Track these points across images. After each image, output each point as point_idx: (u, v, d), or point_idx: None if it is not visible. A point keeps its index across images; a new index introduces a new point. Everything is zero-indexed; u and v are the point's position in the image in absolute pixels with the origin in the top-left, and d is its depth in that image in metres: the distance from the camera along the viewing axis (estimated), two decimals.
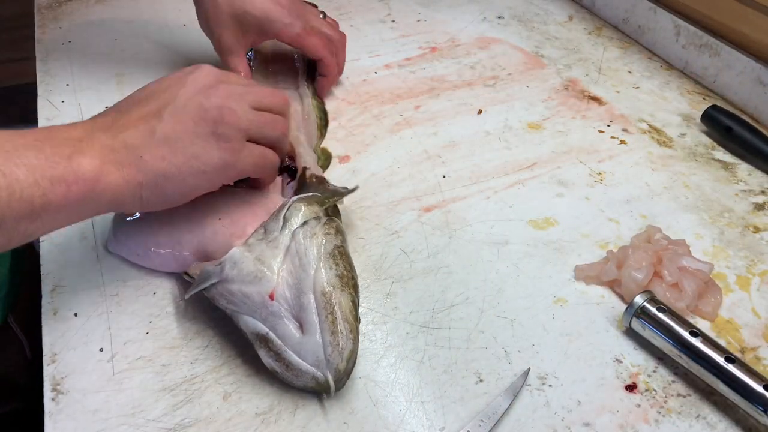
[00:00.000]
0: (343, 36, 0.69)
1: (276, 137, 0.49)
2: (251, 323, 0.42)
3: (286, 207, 0.47)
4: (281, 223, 0.45)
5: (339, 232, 0.47)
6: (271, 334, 0.42)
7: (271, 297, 0.42)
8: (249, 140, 0.46)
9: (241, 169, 0.46)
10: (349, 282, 0.44)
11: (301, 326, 0.41)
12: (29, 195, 0.36)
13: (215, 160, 0.44)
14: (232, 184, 0.50)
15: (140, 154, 0.41)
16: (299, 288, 0.42)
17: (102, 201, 0.40)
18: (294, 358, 0.41)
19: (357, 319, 0.43)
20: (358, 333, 0.42)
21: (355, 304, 0.43)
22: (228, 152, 0.44)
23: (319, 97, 0.69)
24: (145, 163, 0.41)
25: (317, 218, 0.46)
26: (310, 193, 0.50)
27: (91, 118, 0.44)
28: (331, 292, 0.42)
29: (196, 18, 0.65)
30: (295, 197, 0.48)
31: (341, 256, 0.45)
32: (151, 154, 0.42)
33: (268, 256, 0.43)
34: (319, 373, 0.40)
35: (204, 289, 0.44)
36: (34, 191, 0.36)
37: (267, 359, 0.42)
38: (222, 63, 0.64)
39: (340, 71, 0.71)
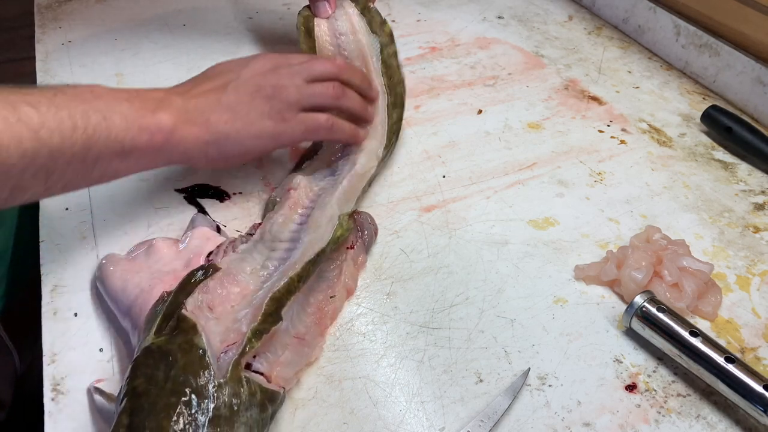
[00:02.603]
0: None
1: (328, 103, 0.54)
2: None
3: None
4: None
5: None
6: None
7: None
8: (305, 110, 0.53)
9: (291, 135, 0.53)
10: None
11: None
12: (122, 137, 0.44)
13: (268, 128, 0.51)
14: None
15: (207, 117, 0.49)
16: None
17: (175, 152, 0.48)
18: None
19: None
20: None
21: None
22: (279, 122, 0.52)
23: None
24: (211, 124, 0.49)
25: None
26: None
27: (170, 87, 0.52)
28: None
29: (194, 20, 0.64)
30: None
31: None
32: (216, 117, 0.49)
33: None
34: None
35: None
36: (126, 135, 0.44)
37: None
38: None
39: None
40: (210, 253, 0.47)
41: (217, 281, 0.44)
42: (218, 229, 0.51)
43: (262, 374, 0.40)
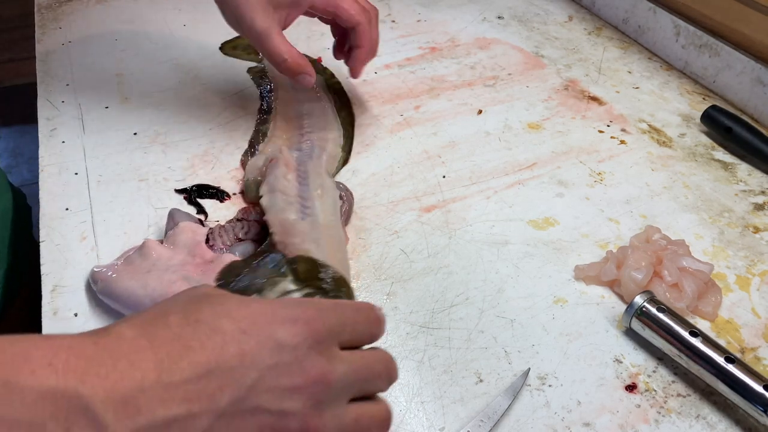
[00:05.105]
0: (376, 9, 0.61)
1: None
2: None
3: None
4: None
5: None
6: None
7: None
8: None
9: None
10: None
11: None
12: None
13: None
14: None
15: None
16: None
17: None
18: None
19: None
20: None
21: None
22: None
23: (350, 112, 0.68)
24: None
25: None
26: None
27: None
28: None
29: (194, 20, 0.63)
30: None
31: None
32: None
33: None
34: None
35: None
36: None
37: None
38: (264, 53, 0.57)
39: (375, 48, 0.62)
40: (207, 240, 0.49)
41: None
42: (201, 224, 0.52)
43: None
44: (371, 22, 0.60)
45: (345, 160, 0.63)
